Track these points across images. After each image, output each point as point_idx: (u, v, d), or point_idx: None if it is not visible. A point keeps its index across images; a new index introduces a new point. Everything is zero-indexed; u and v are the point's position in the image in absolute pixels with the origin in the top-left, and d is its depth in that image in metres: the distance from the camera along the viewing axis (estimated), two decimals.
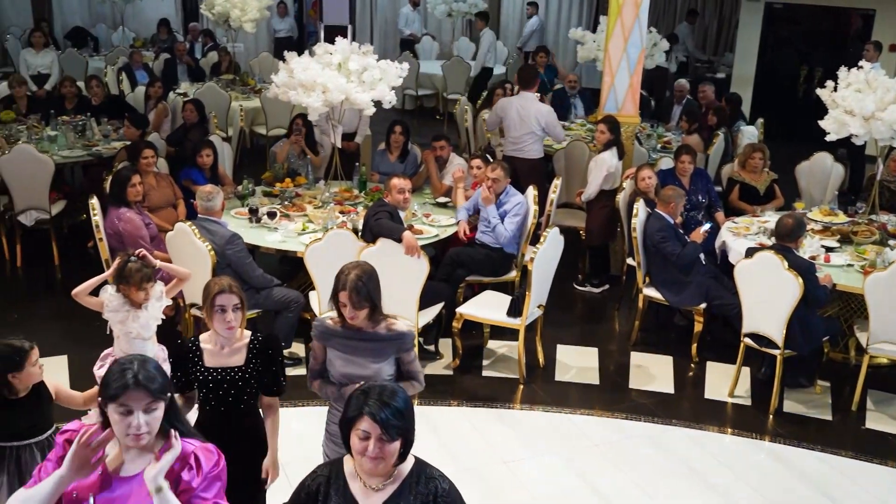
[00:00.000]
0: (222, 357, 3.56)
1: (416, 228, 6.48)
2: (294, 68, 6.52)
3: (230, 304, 3.50)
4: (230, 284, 3.54)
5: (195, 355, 3.57)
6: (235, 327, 3.52)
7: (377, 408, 2.46)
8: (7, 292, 7.40)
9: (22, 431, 3.67)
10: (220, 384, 3.53)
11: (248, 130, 11.35)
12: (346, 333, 3.55)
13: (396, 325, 3.59)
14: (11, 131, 8.63)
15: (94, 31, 15.81)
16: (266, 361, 3.60)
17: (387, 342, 3.55)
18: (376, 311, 3.52)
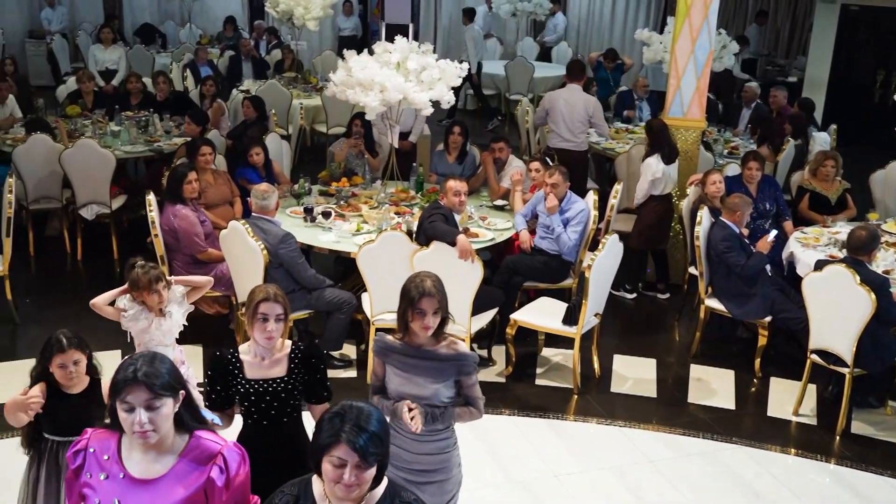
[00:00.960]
0: (263, 368, 3.44)
1: (471, 231, 6.38)
2: (352, 67, 6.45)
3: (273, 314, 3.36)
4: (275, 293, 3.40)
5: (235, 367, 3.44)
6: (275, 338, 3.39)
7: (354, 434, 2.32)
8: (67, 285, 7.50)
9: (65, 427, 3.66)
10: (262, 396, 3.41)
11: (308, 128, 11.38)
12: (406, 350, 3.43)
13: (458, 345, 3.45)
14: (77, 126, 8.76)
15: (162, 28, 16.02)
16: (309, 371, 3.47)
17: (448, 363, 3.41)
18: (444, 325, 3.39)
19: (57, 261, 7.87)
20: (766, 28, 15.83)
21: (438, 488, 3.53)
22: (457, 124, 7.88)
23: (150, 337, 4.30)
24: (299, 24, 11.44)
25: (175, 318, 4.34)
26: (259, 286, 3.50)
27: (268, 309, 3.36)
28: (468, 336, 5.68)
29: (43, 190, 7.74)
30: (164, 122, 8.97)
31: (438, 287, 3.36)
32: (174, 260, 6.17)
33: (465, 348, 3.48)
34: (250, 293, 3.46)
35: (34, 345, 6.30)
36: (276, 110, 10.37)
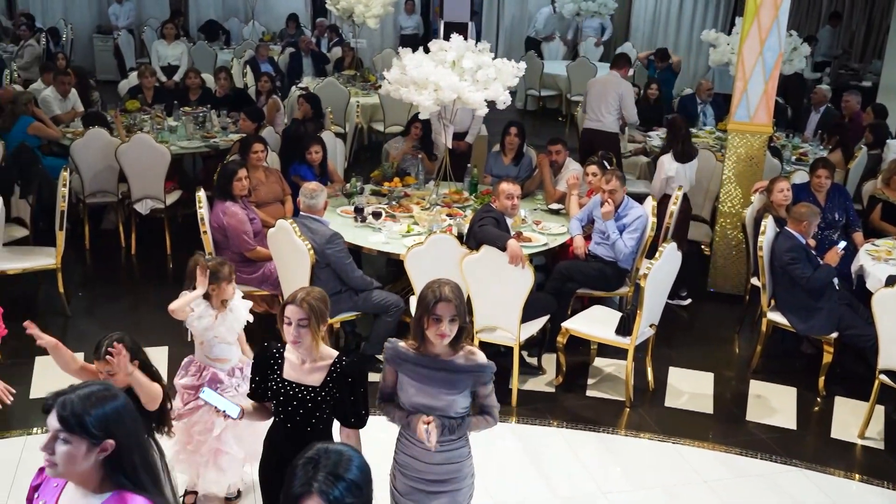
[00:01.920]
0: (301, 372, 3.31)
1: (524, 236, 6.20)
2: (407, 65, 6.32)
3: (295, 318, 3.22)
4: (303, 299, 3.23)
5: (276, 362, 3.36)
6: (300, 343, 3.24)
7: (329, 484, 2.06)
8: (120, 279, 7.53)
9: None
10: (291, 400, 3.30)
11: (366, 127, 11.31)
12: (420, 360, 3.28)
13: (476, 355, 3.30)
14: (136, 121, 8.81)
15: (226, 25, 16.13)
16: (344, 388, 3.28)
17: (465, 373, 3.26)
18: (461, 336, 3.24)
19: (111, 254, 7.91)
20: (839, 30, 15.29)
21: (450, 499, 3.40)
22: (513, 125, 7.69)
23: (213, 334, 4.20)
24: (359, 21, 11.37)
25: (236, 315, 4.26)
26: (300, 287, 3.38)
27: (291, 313, 3.23)
28: (517, 343, 5.51)
29: (99, 184, 7.78)
30: (221, 119, 8.97)
31: (457, 294, 3.22)
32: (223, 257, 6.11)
33: (482, 358, 3.31)
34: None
35: (83, 339, 6.38)
36: (333, 108, 10.30)
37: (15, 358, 5.92)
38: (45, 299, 6.89)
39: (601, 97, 8.77)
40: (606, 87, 8.80)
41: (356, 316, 5.94)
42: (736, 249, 7.32)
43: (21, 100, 7.99)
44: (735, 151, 7.22)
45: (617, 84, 8.77)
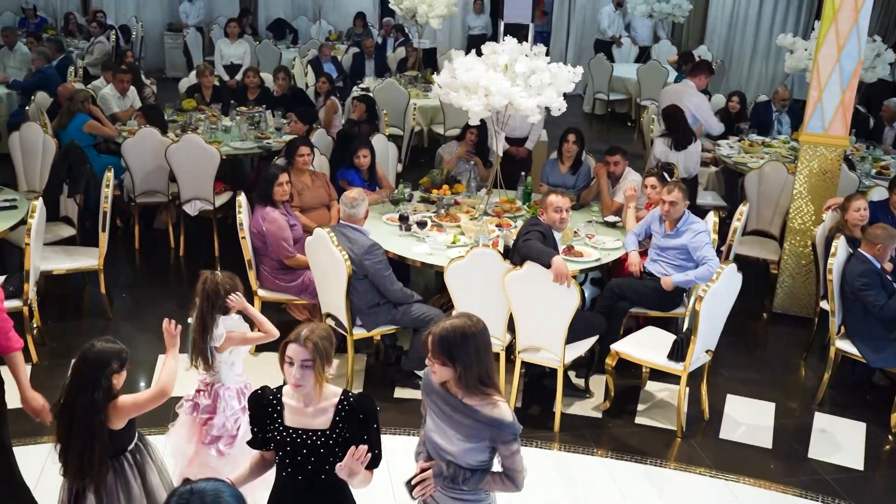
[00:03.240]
0: (305, 417, 3.02)
1: (575, 250, 5.89)
2: (457, 68, 6.06)
3: (298, 359, 2.94)
4: (307, 338, 2.96)
5: (275, 410, 3.05)
6: (302, 386, 2.97)
7: None
8: (165, 281, 7.45)
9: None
10: (299, 448, 3.00)
11: (425, 129, 11.09)
12: (444, 396, 3.02)
13: (500, 407, 2.97)
14: (191, 120, 8.75)
15: (294, 24, 16.12)
16: (356, 428, 3.00)
17: (483, 425, 2.96)
18: (467, 377, 2.94)
19: (159, 255, 7.85)
20: None
21: None
22: (572, 131, 7.37)
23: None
24: (422, 21, 11.15)
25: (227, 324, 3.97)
26: (307, 323, 3.10)
27: (293, 353, 2.95)
28: (561, 365, 5.20)
29: (150, 184, 7.72)
30: (276, 119, 8.85)
31: (451, 335, 2.92)
32: (262, 264, 5.96)
33: (506, 413, 2.99)
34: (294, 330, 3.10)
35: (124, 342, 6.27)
36: (392, 110, 10.11)
37: (51, 360, 5.88)
38: (90, 299, 6.84)
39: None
40: (680, 99, 8.25)
41: (396, 329, 5.71)
42: (806, 269, 6.87)
43: (78, 97, 7.98)
44: (807, 165, 6.76)
45: (690, 95, 8.34)
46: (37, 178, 7.38)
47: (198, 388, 4.04)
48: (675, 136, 7.67)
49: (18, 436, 4.82)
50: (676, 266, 5.85)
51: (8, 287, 5.65)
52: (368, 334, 5.56)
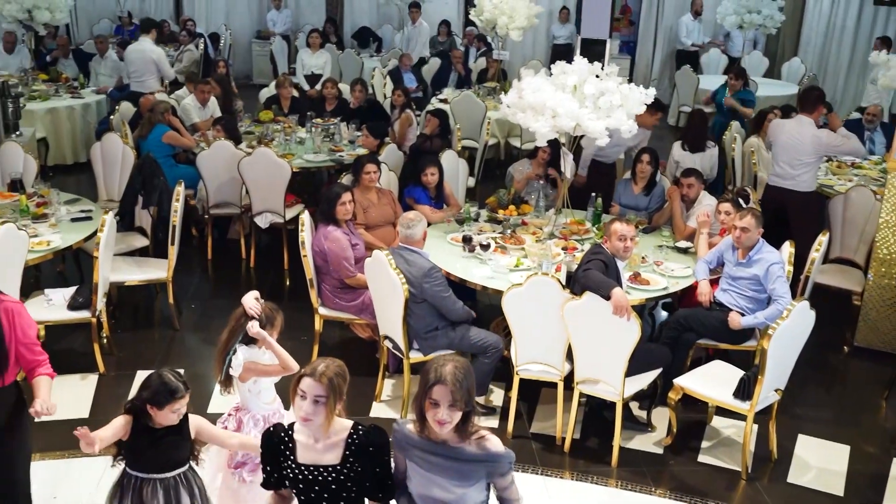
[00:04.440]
0: (316, 452, 3.01)
1: (642, 277, 5.71)
2: (524, 89, 5.95)
3: (312, 394, 2.93)
4: (322, 373, 2.95)
5: (286, 447, 3.05)
6: (311, 420, 2.95)
7: None
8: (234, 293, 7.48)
9: (151, 464, 3.47)
10: (312, 485, 2.99)
11: (502, 142, 10.99)
12: (427, 446, 2.93)
13: (489, 441, 2.91)
14: (268, 131, 8.85)
15: (379, 33, 16.22)
16: (367, 462, 2.99)
17: (476, 463, 2.89)
18: (468, 420, 2.87)
19: (230, 266, 7.95)
20: None
21: None
22: (646, 151, 7.17)
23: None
24: (502, 33, 11.06)
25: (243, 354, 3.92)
26: (321, 359, 3.08)
27: (307, 387, 2.94)
28: (620, 400, 5.03)
29: (223, 195, 7.84)
30: (351, 131, 8.88)
31: (460, 376, 2.84)
32: (323, 283, 5.96)
33: (496, 445, 2.91)
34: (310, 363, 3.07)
35: (188, 354, 6.40)
36: (468, 122, 10.06)
37: (118, 370, 6.00)
38: (160, 310, 6.97)
39: (794, 150, 7.09)
40: (802, 138, 7.05)
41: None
42: (891, 302, 6.51)
43: (158, 108, 8.17)
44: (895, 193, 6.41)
45: (814, 137, 7.04)
46: (115, 189, 7.56)
47: (229, 411, 4.05)
48: (688, 139, 8.04)
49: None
50: (748, 297, 5.60)
51: (78, 298, 5.81)
52: (425, 358, 5.50)
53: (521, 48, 15.29)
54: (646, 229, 6.70)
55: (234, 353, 3.82)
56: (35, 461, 4.91)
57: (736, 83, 10.10)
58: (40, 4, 10.60)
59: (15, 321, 3.46)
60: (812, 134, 7.04)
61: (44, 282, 7.08)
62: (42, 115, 10.19)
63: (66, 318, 5.77)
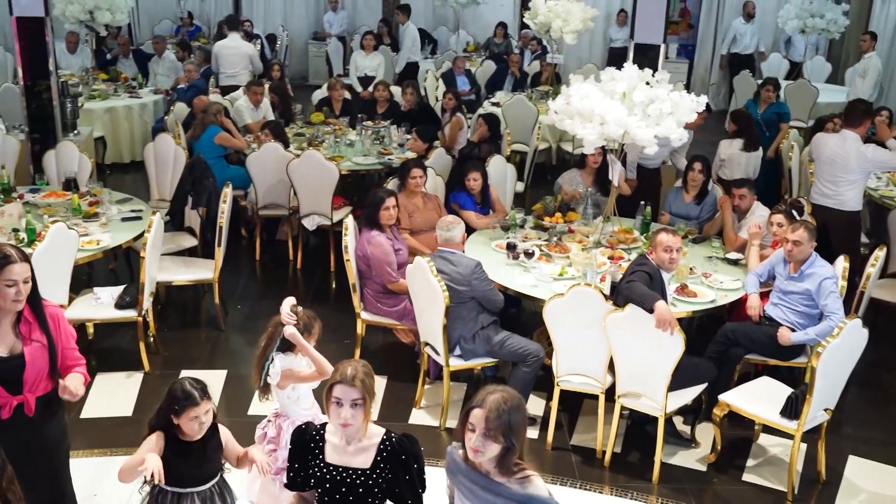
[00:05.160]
0: (346, 455, 3.03)
1: (689, 290, 5.58)
2: (572, 95, 5.87)
3: (348, 399, 2.94)
4: (354, 375, 2.97)
5: (317, 447, 3.07)
6: (352, 426, 2.96)
7: None
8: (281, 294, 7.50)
9: (186, 478, 3.47)
10: (339, 486, 3.00)
11: (554, 146, 10.90)
12: (471, 475, 2.87)
13: (534, 484, 2.82)
14: (318, 133, 8.90)
15: (434, 34, 16.21)
16: (398, 468, 3.00)
17: (515, 503, 2.81)
18: (510, 454, 2.79)
19: (278, 267, 8.00)
20: None
21: None
22: (698, 159, 7.02)
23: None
24: (556, 37, 10.95)
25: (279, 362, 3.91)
26: (344, 362, 3.07)
27: (342, 393, 2.95)
28: (662, 415, 4.92)
29: (272, 197, 7.90)
30: (401, 134, 8.87)
31: (504, 408, 2.76)
32: (366, 287, 5.95)
33: (539, 489, 2.82)
34: (334, 369, 3.07)
35: (232, 355, 6.45)
36: (520, 126, 9.99)
37: (163, 369, 6.07)
38: (206, 310, 7.04)
39: (837, 167, 6.75)
40: (846, 155, 6.69)
41: (496, 362, 5.57)
42: None
43: (211, 110, 8.26)
44: None
45: (859, 154, 6.65)
46: (167, 189, 7.66)
47: (269, 417, 4.06)
48: (747, 138, 7.94)
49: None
50: (799, 312, 5.44)
51: (125, 297, 5.89)
52: (466, 365, 5.46)
53: (576, 51, 15.14)
54: (695, 239, 6.56)
55: (272, 361, 3.82)
56: (77, 458, 5.01)
57: (771, 95, 9.40)
58: (101, 6, 10.82)
59: (60, 326, 3.48)
60: (857, 150, 6.68)
61: (95, 279, 7.19)
62: (101, 115, 10.40)
63: (112, 317, 5.86)
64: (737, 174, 7.66)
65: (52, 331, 3.41)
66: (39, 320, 3.39)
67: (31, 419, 3.39)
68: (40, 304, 3.41)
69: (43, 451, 3.51)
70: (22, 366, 3.34)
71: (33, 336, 3.37)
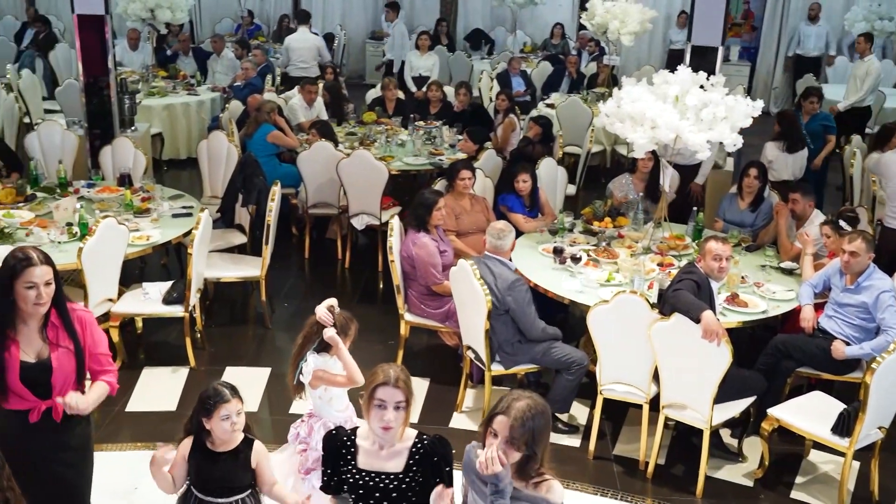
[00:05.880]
0: (379, 459, 3.01)
1: (740, 299, 5.44)
2: (623, 98, 5.76)
3: (392, 402, 2.94)
4: (398, 377, 2.97)
5: (349, 452, 3.06)
6: (394, 429, 2.95)
7: None
8: (328, 293, 7.50)
9: (214, 488, 3.47)
10: (372, 492, 2.99)
11: (608, 149, 10.75)
12: (486, 476, 2.81)
13: (553, 491, 2.78)
14: (370, 133, 8.91)
15: (492, 35, 16.15)
16: (429, 470, 2.98)
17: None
18: (531, 462, 2.74)
19: (326, 266, 8.02)
20: None
21: None
22: (754, 165, 6.84)
23: None
24: (613, 38, 10.79)
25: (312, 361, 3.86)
26: (382, 366, 3.05)
27: (386, 395, 2.93)
28: (707, 427, 4.79)
29: (322, 195, 7.92)
30: (452, 135, 8.84)
31: (528, 415, 2.73)
32: (410, 289, 5.93)
33: (556, 494, 2.78)
34: (373, 371, 3.04)
35: (277, 352, 6.47)
36: (574, 128, 9.89)
37: (208, 365, 6.12)
38: (254, 307, 7.08)
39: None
40: None
41: (538, 368, 5.50)
42: None
43: (265, 108, 8.32)
44: None
45: None
46: (219, 186, 7.72)
47: (303, 417, 4.04)
48: (788, 140, 7.85)
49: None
50: (855, 326, 5.25)
51: (172, 293, 5.95)
52: (507, 372, 5.39)
53: (635, 53, 14.96)
54: (749, 247, 6.39)
55: (305, 360, 3.81)
56: (119, 451, 5.09)
57: (814, 106, 8.84)
58: (162, 4, 10.98)
59: (87, 330, 3.46)
60: None
61: (148, 274, 7.29)
62: (159, 111, 10.56)
63: (159, 312, 5.93)
64: (783, 175, 7.70)
65: (79, 335, 3.40)
66: (66, 325, 3.37)
67: (58, 424, 3.39)
68: (66, 308, 3.39)
69: (67, 457, 3.51)
70: (49, 371, 3.33)
71: (60, 341, 3.35)
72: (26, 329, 3.34)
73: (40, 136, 7.91)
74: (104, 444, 5.07)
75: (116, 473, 4.76)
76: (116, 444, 5.17)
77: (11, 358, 3.29)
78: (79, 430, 3.55)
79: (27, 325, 3.34)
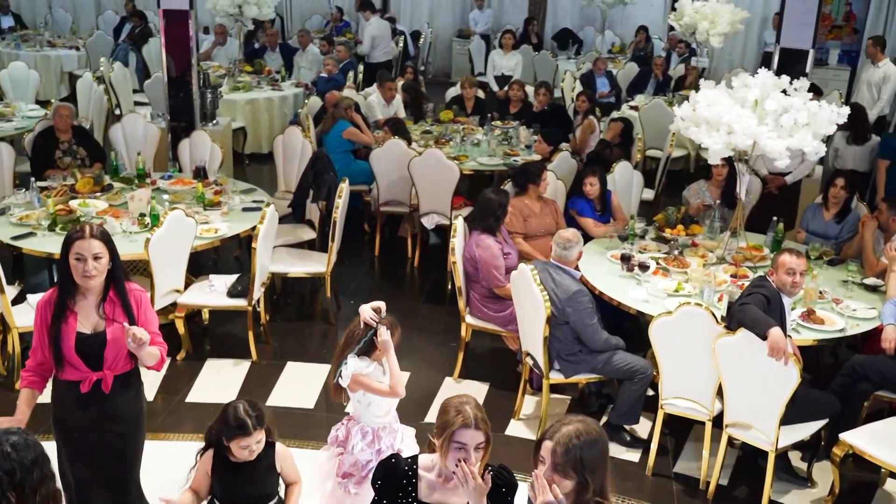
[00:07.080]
0: (444, 492, 2.90)
1: (816, 315, 5.16)
2: (698, 101, 5.54)
3: (473, 444, 2.82)
4: (477, 417, 2.84)
5: (409, 483, 2.94)
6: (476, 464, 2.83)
7: None
8: (394, 292, 7.50)
9: (239, 498, 3.45)
10: None
11: (693, 154, 10.44)
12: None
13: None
14: (446, 130, 8.85)
15: (580, 34, 15.91)
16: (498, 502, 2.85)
17: None
18: (584, 491, 2.59)
19: (395, 264, 7.99)
20: None
21: None
22: (841, 175, 6.51)
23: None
24: (702, 39, 10.47)
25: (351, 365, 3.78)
26: (453, 402, 2.92)
27: (467, 438, 2.81)
28: (773, 450, 4.55)
29: (394, 193, 7.89)
30: (529, 135, 8.70)
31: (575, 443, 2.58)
32: (472, 290, 5.83)
33: None
34: (444, 411, 2.90)
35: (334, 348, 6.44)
36: (656, 131, 9.62)
37: (270, 360, 6.15)
38: (320, 303, 7.09)
39: None
40: None
41: (599, 378, 5.33)
42: None
43: (342, 105, 8.35)
44: None
45: None
46: (293, 181, 7.77)
47: (343, 420, 3.99)
48: (854, 130, 7.85)
49: None
50: None
51: (237, 286, 6.00)
52: (566, 380, 5.25)
53: (727, 55, 14.52)
54: (831, 261, 6.08)
55: (346, 363, 3.75)
56: (179, 440, 5.14)
57: None
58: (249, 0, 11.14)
59: (141, 308, 3.58)
60: None
61: (221, 266, 7.38)
62: (242, 106, 10.71)
63: (223, 305, 5.98)
64: (849, 165, 7.93)
65: (134, 312, 3.52)
66: (123, 302, 3.50)
67: (107, 395, 3.51)
68: (123, 285, 3.53)
69: (116, 429, 3.60)
70: (103, 343, 3.46)
71: (116, 317, 3.49)
72: (85, 302, 3.49)
73: (124, 127, 8.12)
74: (165, 433, 5.15)
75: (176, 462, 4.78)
76: (176, 434, 5.22)
77: (69, 328, 3.44)
78: (129, 401, 3.63)
79: (86, 299, 3.49)
